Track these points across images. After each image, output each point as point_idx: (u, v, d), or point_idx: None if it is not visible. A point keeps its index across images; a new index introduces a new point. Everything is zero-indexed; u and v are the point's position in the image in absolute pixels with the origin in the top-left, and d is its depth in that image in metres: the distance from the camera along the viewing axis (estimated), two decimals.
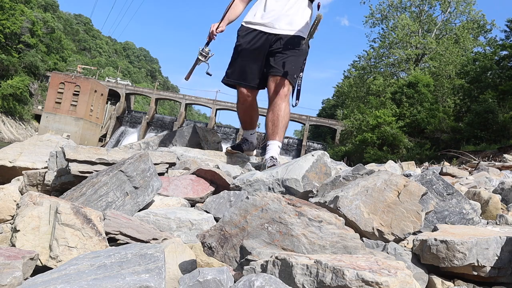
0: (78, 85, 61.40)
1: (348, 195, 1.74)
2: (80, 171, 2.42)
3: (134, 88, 72.08)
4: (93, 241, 1.34)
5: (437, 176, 2.17)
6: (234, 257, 1.34)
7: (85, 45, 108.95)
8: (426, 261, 1.47)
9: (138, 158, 2.28)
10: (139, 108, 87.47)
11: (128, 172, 2.19)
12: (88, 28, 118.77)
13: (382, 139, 28.58)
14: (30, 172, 2.65)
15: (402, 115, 29.68)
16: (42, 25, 60.31)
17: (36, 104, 64.38)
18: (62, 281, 0.92)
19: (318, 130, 69.65)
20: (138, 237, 1.51)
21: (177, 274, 1.31)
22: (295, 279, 1.02)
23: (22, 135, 54.29)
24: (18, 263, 1.06)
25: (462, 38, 36.69)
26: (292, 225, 1.33)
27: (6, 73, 54.21)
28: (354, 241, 1.36)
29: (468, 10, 38.83)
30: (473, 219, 2.08)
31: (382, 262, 1.03)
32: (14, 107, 56.30)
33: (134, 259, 1.03)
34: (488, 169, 6.24)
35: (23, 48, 57.52)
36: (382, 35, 40.06)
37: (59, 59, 69.72)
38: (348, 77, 44.79)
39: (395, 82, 36.20)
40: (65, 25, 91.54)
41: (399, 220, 1.68)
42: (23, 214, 1.34)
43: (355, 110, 34.69)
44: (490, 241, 1.41)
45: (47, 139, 3.56)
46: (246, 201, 1.41)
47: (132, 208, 2.17)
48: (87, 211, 1.39)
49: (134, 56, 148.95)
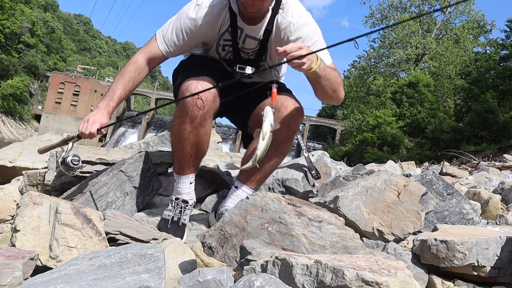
0: (78, 85, 61.41)
1: (348, 195, 1.74)
2: (80, 171, 2.42)
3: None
4: (93, 241, 1.34)
5: (437, 176, 2.17)
6: (234, 257, 1.34)
7: (85, 45, 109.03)
8: (426, 261, 1.47)
9: (138, 158, 2.28)
10: (139, 108, 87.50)
11: (128, 172, 2.19)
12: (88, 28, 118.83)
13: (382, 139, 28.59)
14: (30, 172, 2.65)
15: (402, 115, 29.69)
16: (42, 25, 60.32)
17: (36, 104, 64.40)
18: (62, 281, 0.92)
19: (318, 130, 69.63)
20: (138, 237, 1.52)
21: (177, 274, 1.31)
22: (295, 279, 1.02)
23: (22, 135, 54.29)
24: (18, 263, 1.06)
25: (462, 38, 36.71)
26: (292, 225, 1.33)
27: (6, 73, 54.22)
28: (354, 241, 1.36)
29: (468, 10, 38.83)
30: (473, 219, 2.08)
31: (382, 262, 1.03)
32: (14, 107, 56.32)
33: (134, 259, 1.03)
34: (488, 169, 6.24)
35: (23, 48, 57.52)
36: (382, 35, 40.07)
37: (59, 59, 69.73)
38: (348, 77, 44.79)
39: (395, 82, 36.21)
40: (65, 25, 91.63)
41: (399, 220, 1.68)
42: (23, 214, 1.34)
43: (355, 110, 34.70)
44: (490, 241, 1.41)
45: (47, 139, 3.56)
46: (246, 201, 1.41)
47: (132, 208, 2.17)
48: (87, 211, 1.39)
49: None
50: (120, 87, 1.95)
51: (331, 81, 1.84)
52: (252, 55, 2.02)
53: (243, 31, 1.94)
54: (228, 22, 1.91)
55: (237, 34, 1.94)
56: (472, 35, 38.46)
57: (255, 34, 1.94)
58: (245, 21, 1.90)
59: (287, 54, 1.61)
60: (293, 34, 1.92)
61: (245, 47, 1.99)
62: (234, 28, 1.92)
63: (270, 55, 2.03)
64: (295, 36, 1.91)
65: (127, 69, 1.99)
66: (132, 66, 1.99)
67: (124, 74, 1.99)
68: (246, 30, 1.93)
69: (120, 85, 1.96)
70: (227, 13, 1.89)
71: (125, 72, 1.99)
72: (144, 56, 2.01)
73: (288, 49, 1.61)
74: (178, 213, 1.92)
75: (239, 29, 1.93)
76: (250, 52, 2.01)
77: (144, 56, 2.01)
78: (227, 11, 1.89)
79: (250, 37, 1.95)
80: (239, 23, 1.91)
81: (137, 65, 1.99)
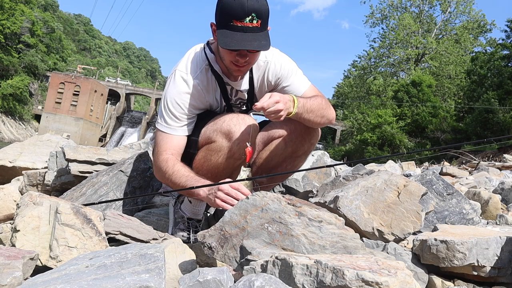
0: (78, 85, 61.41)
1: (348, 195, 1.74)
2: (80, 171, 2.42)
3: (134, 88, 72.12)
4: (93, 241, 1.34)
5: (437, 176, 2.17)
6: (234, 257, 1.34)
7: (85, 45, 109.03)
8: (426, 261, 1.47)
9: (138, 158, 2.28)
10: (139, 108, 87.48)
11: (128, 172, 2.19)
12: (88, 28, 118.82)
13: (382, 139, 28.60)
14: (30, 172, 2.66)
15: (403, 115, 29.68)
16: (42, 25, 60.31)
17: (36, 104, 64.41)
18: (62, 281, 0.92)
19: None
20: (138, 237, 1.52)
21: (177, 274, 1.31)
22: (295, 279, 1.02)
23: (22, 135, 54.30)
24: (18, 263, 1.06)
25: (462, 38, 36.72)
26: (292, 225, 1.33)
27: (6, 73, 54.21)
28: (354, 241, 1.36)
29: (468, 10, 38.84)
30: (473, 219, 2.08)
31: (382, 262, 1.03)
32: (14, 107, 56.33)
33: (134, 259, 1.03)
34: (488, 169, 6.24)
35: (23, 48, 57.52)
36: (382, 35, 40.09)
37: (59, 59, 69.74)
38: (348, 77, 44.82)
39: (395, 82, 36.23)
40: (65, 25, 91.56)
41: (399, 220, 1.68)
42: (23, 214, 1.34)
43: (355, 110, 34.71)
44: (490, 241, 1.41)
45: (47, 139, 3.56)
46: (246, 201, 1.41)
47: (132, 208, 2.17)
48: (87, 211, 1.39)
49: (134, 56, 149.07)
50: (184, 170, 1.76)
51: (315, 111, 1.88)
52: (243, 107, 2.05)
53: (232, 87, 1.96)
54: (215, 82, 1.91)
55: (227, 92, 1.96)
56: (472, 35, 38.46)
57: (243, 87, 1.97)
58: (230, 78, 1.92)
59: (265, 110, 1.66)
60: (272, 75, 1.97)
61: (239, 99, 2.02)
62: (222, 87, 1.93)
63: (258, 98, 2.04)
64: (274, 77, 1.97)
65: (169, 168, 1.77)
66: (169, 162, 1.79)
67: (173, 169, 1.77)
68: (234, 85, 1.95)
69: (182, 170, 1.76)
70: (212, 75, 1.90)
71: (169, 168, 1.78)
72: (169, 153, 1.83)
73: (266, 105, 1.65)
74: (194, 233, 1.98)
75: (227, 85, 1.94)
76: (242, 103, 2.04)
77: (169, 153, 1.83)
78: (211, 73, 1.90)
79: (239, 91, 1.98)
80: (225, 79, 1.92)
81: (172, 158, 1.81)
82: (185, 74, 1.87)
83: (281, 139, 2.00)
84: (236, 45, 1.66)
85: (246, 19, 1.65)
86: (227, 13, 1.65)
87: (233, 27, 1.66)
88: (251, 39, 1.67)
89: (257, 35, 1.68)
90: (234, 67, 1.78)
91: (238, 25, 1.65)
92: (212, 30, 1.78)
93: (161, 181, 1.89)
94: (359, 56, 41.98)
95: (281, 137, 2.00)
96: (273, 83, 1.99)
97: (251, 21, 1.66)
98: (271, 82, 1.98)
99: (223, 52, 1.76)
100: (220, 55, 1.81)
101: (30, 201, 1.38)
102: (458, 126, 25.50)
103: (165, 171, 1.77)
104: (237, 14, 1.64)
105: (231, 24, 1.66)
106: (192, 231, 1.98)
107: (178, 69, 1.89)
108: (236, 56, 1.72)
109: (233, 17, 1.65)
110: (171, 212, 2.08)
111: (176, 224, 2.02)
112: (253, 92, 2.00)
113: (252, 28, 1.67)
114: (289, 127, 1.99)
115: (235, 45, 1.66)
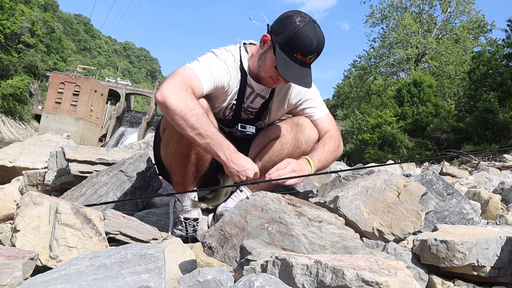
0: (78, 85, 61.41)
1: (348, 195, 1.74)
2: (80, 171, 2.42)
3: (134, 88, 72.15)
4: (93, 241, 1.34)
5: (437, 176, 2.17)
6: (234, 257, 1.34)
7: (85, 45, 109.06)
8: (426, 261, 1.47)
9: (138, 158, 2.28)
10: (139, 108, 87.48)
11: (128, 172, 2.19)
12: (88, 28, 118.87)
13: (382, 139, 28.59)
14: (30, 172, 2.66)
15: (404, 114, 29.67)
16: (42, 25, 60.32)
17: (36, 104, 64.41)
18: (62, 281, 0.92)
19: None
20: (138, 237, 1.52)
21: (177, 274, 1.31)
22: (295, 279, 1.02)
23: (22, 135, 54.31)
24: (18, 263, 1.06)
25: (462, 38, 36.70)
26: (292, 225, 1.33)
27: (6, 73, 54.22)
28: (354, 241, 1.36)
29: (468, 10, 38.82)
30: (473, 219, 2.08)
31: (382, 262, 1.03)
32: (14, 107, 56.34)
33: (134, 259, 1.03)
34: (488, 169, 6.24)
35: (23, 48, 57.53)
36: (382, 35, 40.07)
37: (59, 59, 69.76)
38: (348, 77, 44.80)
39: (395, 82, 36.23)
40: (65, 25, 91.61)
41: (399, 220, 1.68)
42: (23, 214, 1.34)
43: (355, 110, 34.69)
44: (490, 241, 1.41)
45: (47, 139, 3.57)
46: (246, 201, 1.41)
47: (132, 208, 2.17)
48: (87, 211, 1.39)
49: (134, 56, 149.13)
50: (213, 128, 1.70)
51: (330, 160, 1.96)
52: (252, 115, 2.05)
53: (253, 89, 1.96)
54: (238, 81, 1.92)
55: (244, 94, 1.96)
56: (472, 35, 38.44)
57: (264, 93, 1.98)
58: (255, 80, 1.93)
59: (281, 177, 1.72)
60: (295, 95, 2.01)
61: (251, 106, 2.01)
62: (243, 86, 1.94)
63: (270, 114, 2.07)
64: (296, 98, 2.01)
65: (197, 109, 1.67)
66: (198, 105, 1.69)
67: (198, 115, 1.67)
68: (256, 88, 1.95)
69: (210, 126, 1.69)
70: (239, 71, 1.92)
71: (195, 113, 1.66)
72: (192, 93, 1.72)
73: (283, 173, 1.72)
74: (192, 232, 1.98)
75: (249, 87, 1.95)
76: (252, 111, 2.03)
77: (192, 93, 1.72)
78: (238, 69, 1.91)
79: (259, 96, 1.98)
80: (249, 81, 1.93)
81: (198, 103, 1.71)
82: (221, 57, 1.89)
83: (277, 141, 2.02)
84: (294, 79, 1.74)
85: (309, 56, 1.74)
86: (295, 45, 1.72)
87: (295, 59, 1.73)
88: (305, 75, 1.76)
89: (309, 71, 1.78)
90: (271, 82, 1.86)
91: (300, 59, 1.73)
92: (267, 42, 1.81)
93: (177, 112, 1.64)
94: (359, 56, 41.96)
95: (277, 139, 2.03)
96: (293, 102, 2.03)
97: (311, 58, 1.76)
98: (292, 101, 2.03)
99: (269, 68, 1.82)
100: (263, 66, 1.85)
101: (30, 201, 1.38)
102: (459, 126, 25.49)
103: (193, 107, 1.64)
104: (305, 50, 1.72)
105: (295, 55, 1.73)
106: (189, 231, 1.97)
107: (214, 51, 1.90)
108: (279, 76, 1.78)
109: (299, 51, 1.72)
110: (171, 212, 2.09)
111: (174, 224, 2.03)
112: (268, 105, 2.03)
113: (309, 64, 1.77)
114: (286, 129, 2.03)
115: (293, 79, 1.74)
